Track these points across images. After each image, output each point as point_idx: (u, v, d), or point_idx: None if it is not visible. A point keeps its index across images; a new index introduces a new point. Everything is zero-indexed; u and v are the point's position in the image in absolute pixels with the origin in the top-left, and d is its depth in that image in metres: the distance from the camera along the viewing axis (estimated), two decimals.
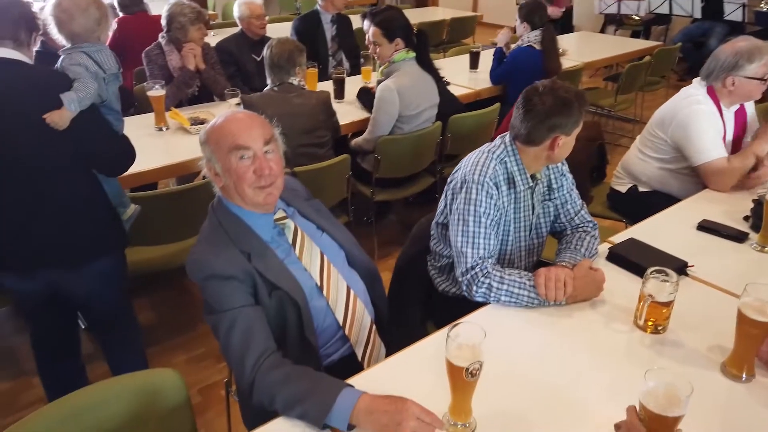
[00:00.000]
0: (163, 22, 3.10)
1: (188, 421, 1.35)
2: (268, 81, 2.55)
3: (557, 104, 1.57)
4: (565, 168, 1.80)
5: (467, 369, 1.10)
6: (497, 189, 1.63)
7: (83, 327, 1.99)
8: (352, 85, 3.37)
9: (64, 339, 1.96)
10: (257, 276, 1.37)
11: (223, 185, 1.42)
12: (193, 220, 2.38)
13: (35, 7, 1.77)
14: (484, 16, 7.77)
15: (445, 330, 1.26)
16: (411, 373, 1.35)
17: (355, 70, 3.94)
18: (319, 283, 1.48)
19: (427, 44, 2.86)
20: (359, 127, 3.07)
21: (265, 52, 2.49)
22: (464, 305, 1.61)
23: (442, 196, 1.79)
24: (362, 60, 3.81)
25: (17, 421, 1.14)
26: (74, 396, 1.23)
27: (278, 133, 1.46)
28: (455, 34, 6.10)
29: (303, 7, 6.99)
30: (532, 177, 1.70)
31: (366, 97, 3.13)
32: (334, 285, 1.51)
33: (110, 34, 3.14)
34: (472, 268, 1.58)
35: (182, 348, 2.54)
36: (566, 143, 1.62)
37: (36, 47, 1.74)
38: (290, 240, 1.50)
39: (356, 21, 3.87)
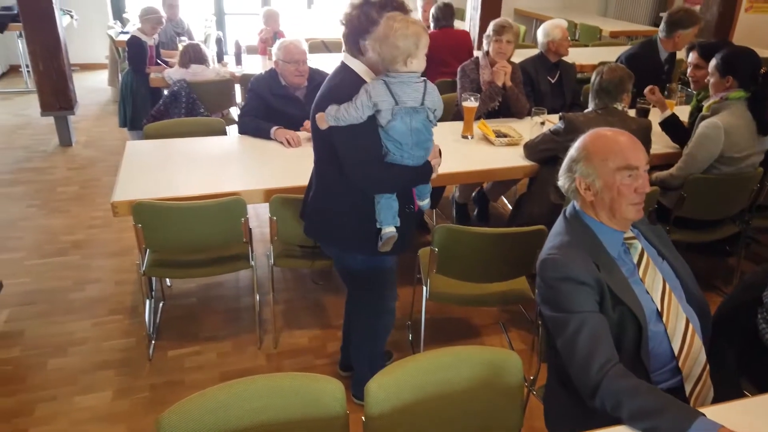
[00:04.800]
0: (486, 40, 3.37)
1: (519, 407, 1.49)
2: (591, 104, 2.59)
3: None
4: None
5: None
6: None
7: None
8: (652, 116, 3.24)
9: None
10: (606, 287, 1.43)
11: (593, 200, 1.50)
12: None
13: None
14: None
15: None
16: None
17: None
18: (659, 308, 1.49)
19: None
20: (658, 162, 2.95)
21: (594, 77, 2.54)
22: None
23: None
24: (666, 93, 3.63)
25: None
26: (434, 353, 1.43)
27: None
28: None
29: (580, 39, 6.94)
30: None
31: (672, 129, 2.98)
32: (674, 313, 1.49)
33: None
34: None
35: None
36: None
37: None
38: (635, 260, 1.53)
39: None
